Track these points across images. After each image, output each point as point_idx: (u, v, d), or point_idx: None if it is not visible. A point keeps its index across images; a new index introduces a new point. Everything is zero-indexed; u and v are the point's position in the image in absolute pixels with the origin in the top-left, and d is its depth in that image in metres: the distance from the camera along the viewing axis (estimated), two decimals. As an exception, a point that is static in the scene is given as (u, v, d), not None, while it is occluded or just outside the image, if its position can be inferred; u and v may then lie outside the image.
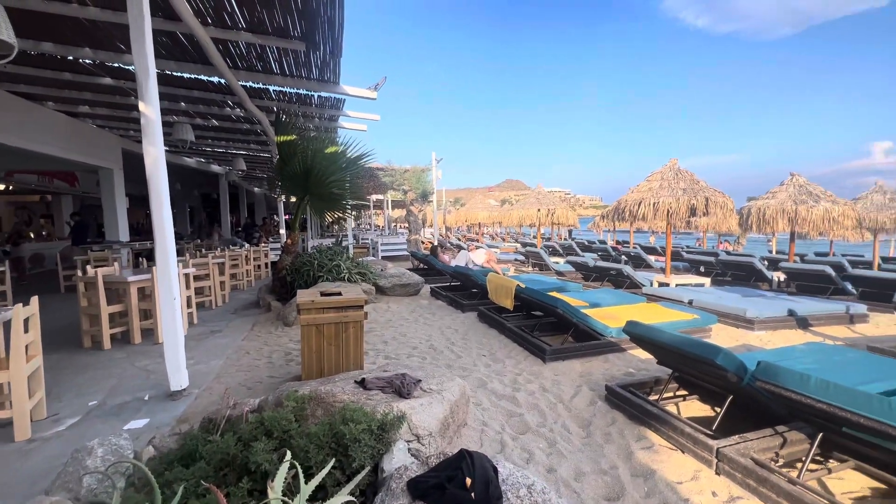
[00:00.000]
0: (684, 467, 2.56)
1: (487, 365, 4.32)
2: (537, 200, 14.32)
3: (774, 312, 5.81)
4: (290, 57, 5.81)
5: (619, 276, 8.82)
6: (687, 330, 4.96)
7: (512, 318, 5.70)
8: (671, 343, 2.98)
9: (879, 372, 3.25)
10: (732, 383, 2.70)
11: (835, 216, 8.49)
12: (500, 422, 3.10)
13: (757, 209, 8.92)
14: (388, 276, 7.96)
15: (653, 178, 8.01)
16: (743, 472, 2.34)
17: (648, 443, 2.84)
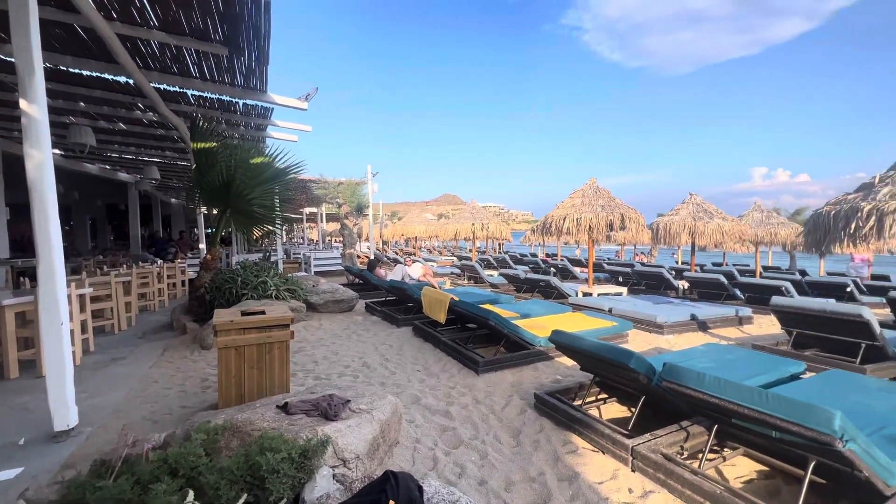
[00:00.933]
0: (605, 467, 2.72)
1: (422, 380, 4.29)
2: (472, 215, 14.71)
3: (680, 317, 6.46)
4: (210, 61, 5.46)
5: (547, 287, 9.29)
6: (607, 336, 5.33)
7: (447, 332, 5.73)
8: (591, 350, 3.18)
9: (761, 367, 3.73)
10: (644, 384, 2.93)
11: (725, 231, 9.72)
12: (434, 437, 3.08)
13: (664, 224, 9.95)
14: (320, 293, 7.65)
15: (575, 195, 8.62)
16: (654, 466, 2.53)
17: (573, 447, 2.98)
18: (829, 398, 3.06)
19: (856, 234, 4.10)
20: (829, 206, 4.57)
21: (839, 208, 4.35)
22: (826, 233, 4.44)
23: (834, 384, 3.35)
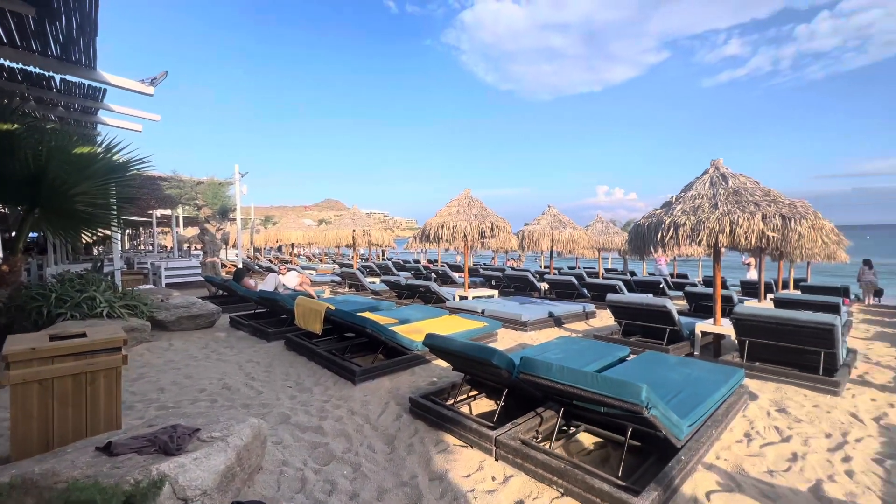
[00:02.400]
0: (472, 460, 2.90)
1: (293, 397, 4.01)
2: (353, 221, 14.38)
3: (540, 315, 7.27)
4: (9, 20, 4.34)
5: (427, 293, 9.57)
6: (479, 336, 5.72)
7: (323, 343, 5.48)
8: (460, 350, 3.37)
9: (598, 354, 4.41)
10: (506, 378, 3.22)
11: (575, 239, 11.29)
12: (303, 457, 2.91)
13: (528, 233, 11.12)
14: (171, 308, 6.61)
15: (452, 204, 9.09)
16: (513, 453, 2.79)
17: (445, 445, 3.11)
18: (643, 375, 3.76)
19: (662, 241, 5.17)
20: (644, 219, 5.67)
21: (651, 221, 5.44)
22: (643, 240, 5.50)
23: (647, 363, 4.14)
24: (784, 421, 3.56)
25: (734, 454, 3.02)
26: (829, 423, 3.53)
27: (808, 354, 4.49)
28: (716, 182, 5.33)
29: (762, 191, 5.03)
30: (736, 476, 2.73)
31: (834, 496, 2.51)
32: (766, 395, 4.14)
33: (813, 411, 3.76)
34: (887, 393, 4.30)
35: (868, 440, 3.23)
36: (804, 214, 4.59)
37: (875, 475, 2.75)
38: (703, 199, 5.17)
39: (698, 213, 5.01)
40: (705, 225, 4.82)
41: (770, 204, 4.76)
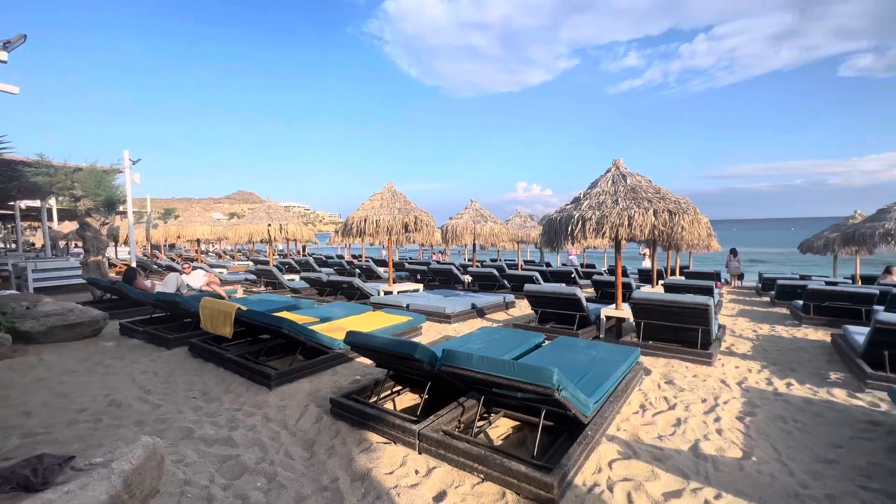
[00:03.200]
0: (396, 456, 2.88)
1: (197, 408, 3.65)
2: (268, 215, 13.41)
3: (464, 307, 7.46)
4: None
5: (351, 289, 9.30)
6: (403, 331, 5.70)
7: (234, 347, 5.06)
8: (381, 346, 3.32)
9: (517, 342, 4.64)
10: (428, 371, 3.24)
11: (496, 232, 11.75)
12: (209, 473, 2.66)
13: (452, 227, 11.32)
14: (40, 316, 5.63)
15: (375, 198, 8.90)
16: (436, 444, 2.83)
17: (368, 444, 3.05)
18: (555, 359, 4.04)
19: (572, 234, 5.57)
20: (556, 213, 6.07)
21: (562, 215, 5.84)
22: (555, 234, 5.88)
23: (559, 348, 4.45)
24: (671, 391, 4.07)
25: (632, 424, 3.38)
26: (705, 389, 4.11)
27: (689, 331, 5.17)
28: (616, 180, 5.88)
29: (654, 189, 5.66)
30: (633, 444, 3.05)
31: (708, 452, 2.93)
32: (657, 370, 4.69)
33: (693, 381, 4.35)
34: (748, 360, 5.13)
35: (733, 401, 3.82)
36: (686, 210, 5.25)
37: (738, 430, 3.26)
38: (606, 196, 5.67)
39: (602, 208, 5.49)
40: (608, 219, 5.30)
41: (660, 200, 5.37)
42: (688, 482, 2.59)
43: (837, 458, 2.86)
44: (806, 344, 6.03)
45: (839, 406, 3.72)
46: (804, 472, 2.67)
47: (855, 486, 2.54)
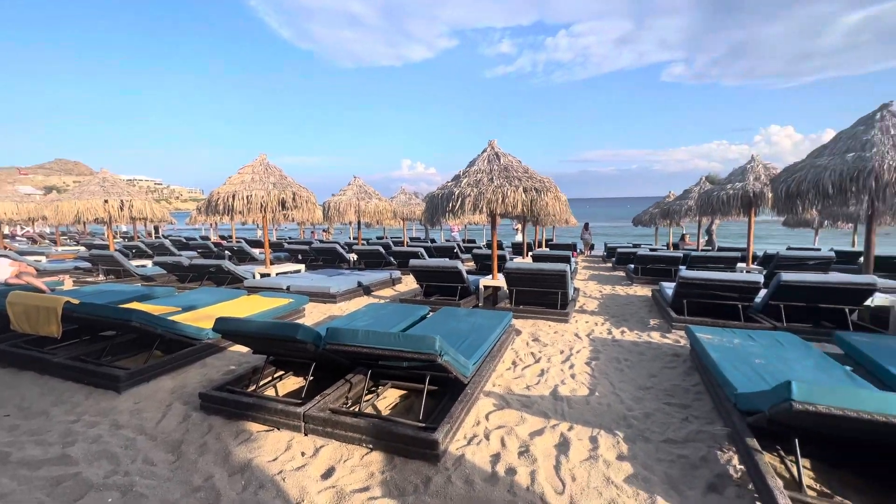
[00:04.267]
0: (279, 443, 2.77)
1: (14, 427, 2.96)
2: (103, 189, 11.04)
3: (349, 286, 7.33)
4: None
5: (220, 273, 8.36)
6: (284, 315, 5.38)
7: (65, 349, 4.18)
8: (258, 331, 3.11)
9: (403, 315, 4.77)
10: (313, 352, 3.15)
11: (381, 209, 11.66)
12: (38, 500, 2.21)
13: (334, 203, 10.87)
14: None
15: (245, 171, 8.02)
16: (323, 423, 2.80)
17: (248, 434, 2.87)
18: (438, 328, 4.28)
19: (453, 209, 5.86)
20: (437, 190, 6.29)
21: (443, 192, 6.08)
22: (437, 210, 6.11)
23: (443, 317, 4.72)
24: (537, 347, 4.67)
25: (505, 379, 3.80)
26: (563, 343, 4.81)
27: (551, 295, 5.94)
28: (492, 159, 6.31)
29: (523, 168, 6.24)
30: (506, 396, 3.45)
31: (564, 394, 3.47)
32: (526, 330, 5.31)
33: (554, 336, 5.05)
34: (595, 316, 6.12)
35: (583, 350, 4.55)
36: (549, 188, 5.93)
37: (586, 374, 3.92)
38: (483, 174, 6.07)
39: (479, 185, 5.87)
40: (484, 196, 5.70)
41: (528, 179, 5.96)
42: (548, 421, 3.04)
43: (652, 384, 3.65)
44: (635, 299, 7.44)
45: (655, 345, 4.73)
46: (630, 399, 3.37)
47: (662, 403, 3.29)
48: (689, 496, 2.21)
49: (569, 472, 2.43)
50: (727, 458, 2.51)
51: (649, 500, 2.18)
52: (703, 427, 2.89)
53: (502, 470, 2.45)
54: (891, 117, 4.77)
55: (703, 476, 2.36)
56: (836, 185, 4.56)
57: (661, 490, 2.26)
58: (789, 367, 3.11)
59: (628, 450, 2.65)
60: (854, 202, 4.66)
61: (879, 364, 3.11)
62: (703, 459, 2.51)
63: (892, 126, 4.65)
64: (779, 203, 5.40)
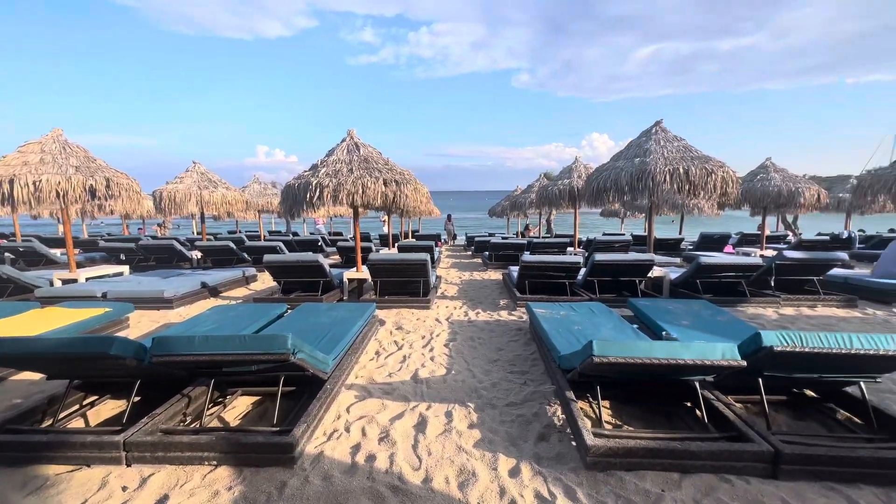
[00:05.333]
0: (91, 481, 2.30)
1: None
2: None
3: (190, 287, 6.39)
4: None
5: (-6, 282, 6.39)
6: (97, 328, 4.42)
7: None
8: (53, 351, 2.51)
9: (256, 316, 4.38)
10: (136, 368, 2.68)
11: (230, 200, 10.40)
12: None
13: (169, 193, 9.27)
14: None
15: (27, 149, 6.23)
16: (152, 448, 2.42)
17: (42, 481, 2.30)
18: (296, 325, 4.08)
19: (311, 201, 5.57)
20: (293, 180, 5.91)
21: (300, 182, 5.73)
22: (295, 201, 5.74)
23: (302, 314, 4.49)
24: (400, 335, 4.81)
25: (368, 370, 3.83)
26: (425, 328, 5.06)
27: (414, 283, 6.17)
28: (351, 149, 6.19)
29: (383, 160, 6.28)
30: (368, 386, 3.48)
31: (423, 376, 3.67)
32: (391, 319, 5.42)
33: (417, 323, 5.27)
34: (454, 301, 6.58)
35: (442, 333, 4.87)
36: (409, 180, 6.10)
37: (445, 355, 4.21)
38: (342, 164, 5.91)
39: (338, 176, 5.70)
40: (344, 187, 5.57)
41: (388, 171, 6.02)
42: (409, 404, 3.19)
43: (499, 357, 4.13)
44: (490, 283, 8.23)
45: (503, 322, 5.33)
46: (481, 373, 3.74)
47: (507, 372, 3.75)
48: (524, 448, 2.58)
49: (426, 448, 2.60)
50: (553, 410, 3.01)
51: (493, 458, 2.48)
52: (537, 388, 3.39)
53: (362, 459, 2.49)
54: (662, 132, 6.26)
55: (535, 429, 2.79)
56: (628, 183, 5.79)
57: (502, 447, 2.59)
58: (597, 329, 3.86)
59: (478, 418, 2.95)
60: (640, 196, 5.99)
61: (653, 320, 4.09)
62: (536, 415, 2.96)
63: (662, 138, 6.11)
64: (591, 197, 6.60)
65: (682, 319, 4.13)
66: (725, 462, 2.24)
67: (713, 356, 2.38)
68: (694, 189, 5.63)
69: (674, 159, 5.84)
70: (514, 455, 2.51)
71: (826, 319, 5.26)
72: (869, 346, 2.33)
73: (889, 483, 2.15)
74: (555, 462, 2.42)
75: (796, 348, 2.36)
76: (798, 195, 9.10)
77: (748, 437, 2.33)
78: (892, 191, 6.94)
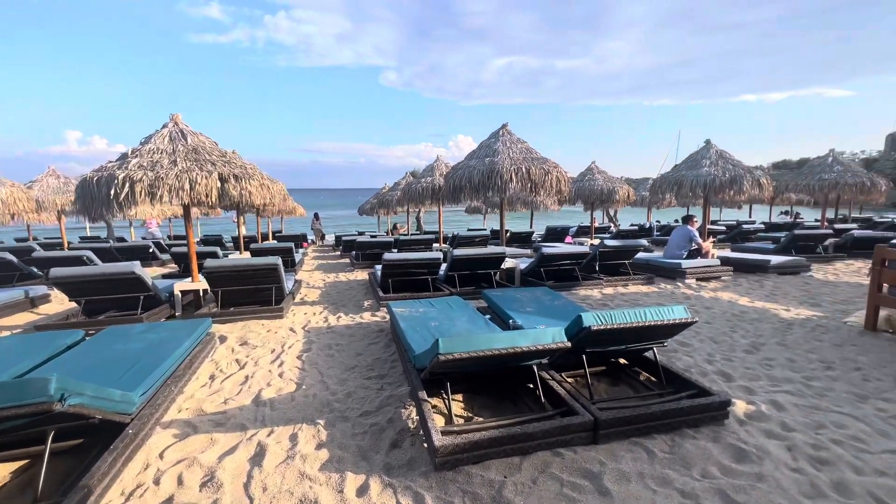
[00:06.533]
0: None
1: None
2: None
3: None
4: None
5: None
6: None
7: None
8: None
9: (31, 350, 3.33)
10: None
11: (13, 200, 7.93)
12: None
13: None
14: None
15: None
16: None
17: None
18: (92, 358, 3.21)
19: (116, 198, 4.49)
20: (92, 173, 4.69)
21: (101, 175, 4.57)
22: (92, 199, 4.56)
23: (104, 342, 3.57)
24: (244, 352, 4.21)
25: (196, 400, 3.22)
26: (276, 341, 4.53)
27: (264, 291, 5.51)
28: (175, 138, 5.20)
29: (220, 152, 5.44)
30: (194, 420, 2.91)
31: (268, 397, 3.23)
32: (234, 335, 4.73)
33: (266, 336, 4.70)
34: (315, 306, 6.11)
35: (296, 344, 4.43)
36: (253, 175, 5.40)
37: (296, 368, 3.80)
38: (163, 155, 4.91)
39: (157, 169, 4.72)
40: (164, 182, 4.63)
41: (225, 164, 5.23)
42: (246, 433, 2.75)
43: (357, 363, 3.91)
44: (356, 283, 7.91)
45: (365, 325, 5.12)
46: (336, 383, 3.47)
47: (364, 379, 3.56)
48: (375, 460, 2.43)
49: (260, 484, 2.24)
50: (408, 413, 2.93)
51: (340, 478, 2.27)
52: (394, 391, 3.28)
53: (173, 516, 2.02)
54: (508, 134, 6.79)
55: (388, 437, 2.66)
56: (481, 181, 6.13)
57: (351, 464, 2.39)
58: (453, 324, 3.94)
59: (328, 435, 2.70)
60: (492, 193, 6.41)
61: (503, 310, 4.36)
62: (390, 421, 2.83)
63: (508, 140, 6.63)
64: (449, 194, 6.83)
65: (527, 307, 4.50)
66: (558, 437, 2.43)
67: (545, 341, 2.57)
68: (535, 187, 6.26)
69: (518, 160, 6.40)
70: (364, 470, 2.33)
71: (634, 296, 6.38)
72: (658, 317, 2.79)
73: (673, 429, 2.61)
74: (406, 469, 2.32)
75: (609, 326, 2.70)
76: (615, 193, 10.95)
77: (575, 410, 2.57)
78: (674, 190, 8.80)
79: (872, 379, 3.35)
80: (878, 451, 2.40)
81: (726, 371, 3.53)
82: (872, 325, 4.45)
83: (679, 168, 8.45)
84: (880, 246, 4.41)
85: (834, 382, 3.31)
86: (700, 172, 7.82)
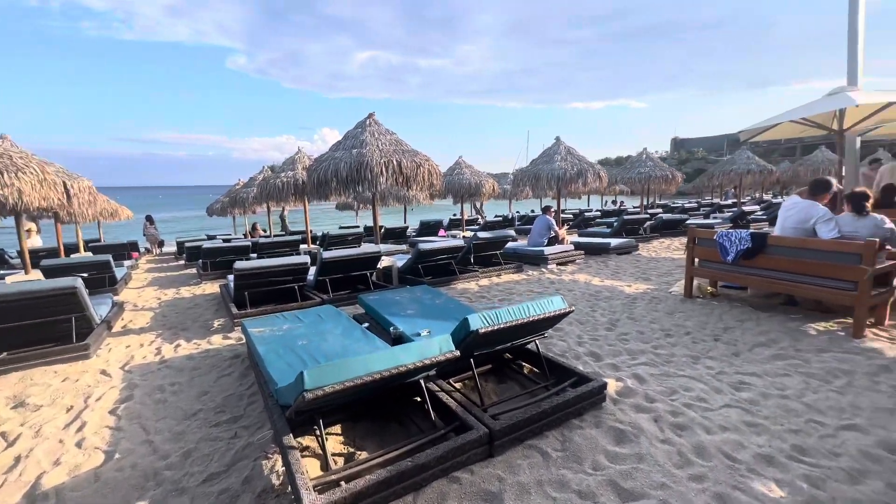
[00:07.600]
0: None
1: None
2: None
3: None
4: None
5: None
6: None
7: None
8: None
9: None
10: None
11: None
12: None
13: None
14: None
15: None
16: None
17: None
18: None
19: None
20: None
21: None
22: None
23: None
24: (19, 418, 2.98)
25: (-85, 515, 2.08)
26: (75, 393, 3.34)
27: (60, 325, 4.09)
28: None
29: None
30: None
31: (54, 484, 2.26)
32: (5, 393, 3.35)
33: (60, 387, 3.44)
34: (143, 334, 4.81)
35: (110, 392, 3.33)
36: (21, 168, 3.90)
37: (107, 428, 2.81)
38: None
39: None
40: None
41: None
42: (8, 552, 1.83)
43: (202, 406, 3.08)
44: (202, 299, 6.59)
45: (214, 351, 4.17)
46: (167, 441, 2.64)
47: (210, 427, 2.79)
48: (225, 544, 1.83)
49: None
50: (272, 464, 2.34)
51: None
52: (251, 438, 2.62)
53: None
54: (375, 124, 6.36)
55: (244, 503, 2.06)
56: (349, 175, 5.59)
57: (188, 561, 1.74)
58: (324, 340, 3.39)
59: (152, 523, 1.96)
60: (362, 188, 5.93)
61: (383, 315, 3.97)
62: (247, 481, 2.21)
63: (376, 131, 6.20)
64: (314, 189, 6.12)
65: (408, 309, 4.19)
66: (453, 460, 2.17)
67: (432, 353, 2.28)
68: (407, 181, 5.99)
69: (388, 151, 6.03)
70: (208, 566, 1.72)
71: (508, 285, 6.65)
72: (541, 311, 2.74)
73: (562, 422, 2.59)
74: (268, 549, 1.78)
75: (496, 326, 2.54)
76: (482, 186, 11.44)
77: (468, 424, 2.35)
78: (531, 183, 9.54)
79: (699, 340, 3.94)
80: (717, 408, 2.74)
81: (595, 351, 3.77)
82: (689, 292, 5.35)
83: (536, 163, 9.15)
84: (692, 227, 5.30)
85: (674, 348, 3.79)
86: (554, 167, 8.58)
